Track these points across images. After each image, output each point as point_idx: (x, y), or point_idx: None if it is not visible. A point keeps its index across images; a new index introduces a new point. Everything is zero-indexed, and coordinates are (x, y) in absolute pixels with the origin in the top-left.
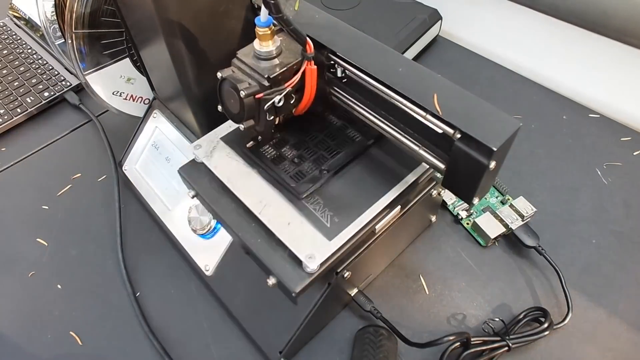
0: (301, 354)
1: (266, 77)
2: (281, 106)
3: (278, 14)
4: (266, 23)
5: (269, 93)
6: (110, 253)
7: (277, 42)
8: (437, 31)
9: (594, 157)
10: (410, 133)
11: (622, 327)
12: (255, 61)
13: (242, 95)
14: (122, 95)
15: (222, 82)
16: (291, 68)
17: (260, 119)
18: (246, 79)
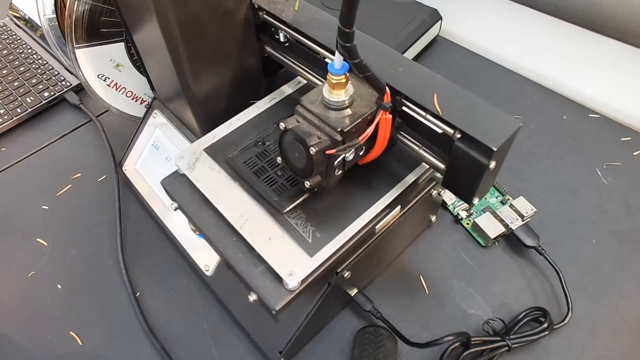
0: (301, 354)
1: (339, 130)
2: (351, 159)
3: (354, 60)
4: (342, 70)
5: (342, 149)
6: (110, 253)
7: (350, 90)
8: (437, 31)
9: (594, 157)
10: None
11: (622, 327)
12: (324, 111)
13: (313, 152)
14: (106, 80)
15: (285, 133)
16: (365, 119)
17: (327, 174)
18: (315, 132)
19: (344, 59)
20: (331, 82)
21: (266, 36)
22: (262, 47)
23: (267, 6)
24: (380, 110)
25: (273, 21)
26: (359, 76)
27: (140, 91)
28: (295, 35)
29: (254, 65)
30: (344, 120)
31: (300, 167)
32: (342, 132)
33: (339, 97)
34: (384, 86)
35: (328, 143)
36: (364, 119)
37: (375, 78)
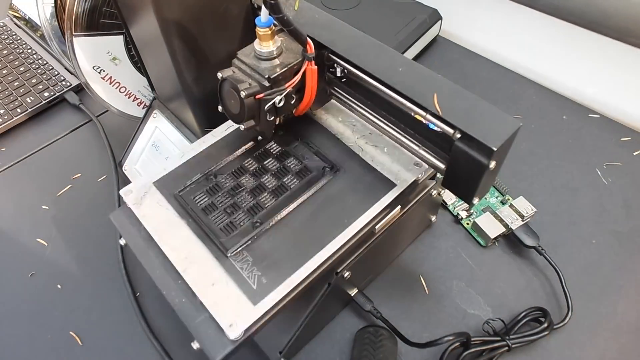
0: (301, 354)
1: (267, 77)
2: (282, 106)
3: (278, 14)
4: (267, 23)
5: (270, 93)
6: (110, 253)
7: (277, 42)
8: (437, 31)
9: (594, 157)
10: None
11: (622, 327)
12: (255, 61)
13: (243, 95)
14: (101, 72)
15: (223, 82)
16: (292, 68)
17: (260, 119)
18: (247, 79)
19: (269, 14)
20: (259, 34)
21: None
22: None
23: None
24: (306, 60)
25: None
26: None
27: (134, 88)
28: None
29: None
30: (274, 69)
31: (235, 113)
32: (270, 79)
33: (267, 49)
34: (305, 38)
35: (257, 88)
36: (290, 67)
37: (297, 31)
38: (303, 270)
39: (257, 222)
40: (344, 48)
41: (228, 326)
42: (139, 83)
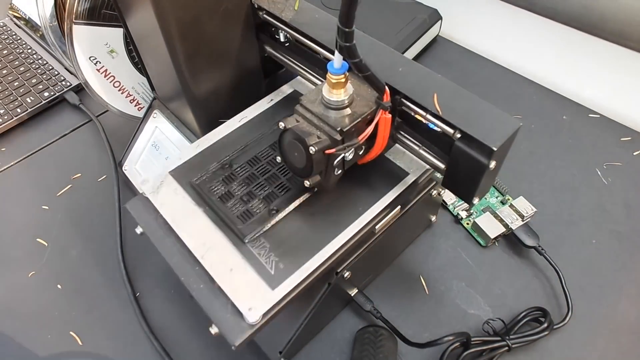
0: (301, 354)
1: (338, 130)
2: (350, 159)
3: (354, 59)
4: (341, 70)
5: (342, 148)
6: (110, 253)
7: (349, 90)
8: (437, 31)
9: (594, 157)
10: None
11: (622, 327)
12: (323, 110)
13: (312, 151)
14: (97, 64)
15: (285, 132)
16: (365, 119)
17: (327, 174)
18: (315, 132)
19: (343, 59)
20: (331, 82)
21: (266, 36)
22: (262, 47)
23: (267, 6)
24: (380, 109)
25: (273, 21)
26: (358, 75)
27: (128, 84)
28: (295, 35)
29: (254, 65)
30: (344, 119)
31: (299, 167)
32: (342, 132)
33: (338, 97)
34: (383, 86)
35: (328, 142)
36: (363, 118)
37: (375, 77)
38: (319, 256)
39: (274, 209)
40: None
41: (247, 310)
42: (134, 80)
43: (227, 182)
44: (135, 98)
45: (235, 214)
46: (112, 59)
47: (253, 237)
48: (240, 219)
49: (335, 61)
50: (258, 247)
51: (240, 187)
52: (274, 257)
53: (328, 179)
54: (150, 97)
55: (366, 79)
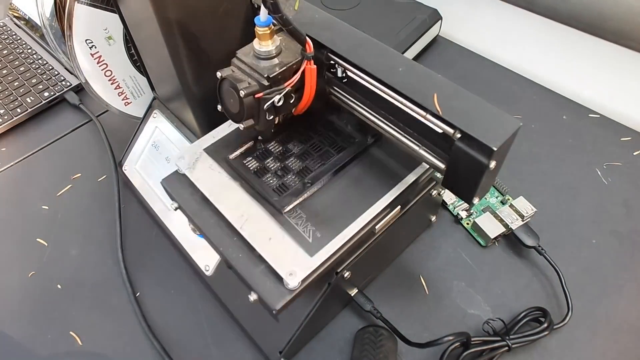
0: (301, 354)
1: (266, 76)
2: (281, 106)
3: (277, 13)
4: (265, 22)
5: (269, 92)
6: (110, 253)
7: (276, 41)
8: (437, 31)
9: (594, 157)
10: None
11: (622, 327)
12: (254, 61)
13: (242, 94)
14: (92, 48)
15: (222, 81)
16: (291, 67)
17: (260, 118)
18: (246, 79)
19: (268, 13)
20: (258, 34)
21: None
22: None
23: None
24: (304, 60)
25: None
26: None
27: (119, 75)
28: None
29: None
30: (273, 68)
31: (235, 112)
32: (269, 78)
33: (266, 48)
34: (304, 37)
35: (256, 87)
36: (289, 67)
37: (296, 30)
38: (355, 225)
39: (308, 182)
40: (343, 48)
41: (288, 275)
42: (126, 72)
43: (261, 158)
44: (124, 91)
45: (271, 187)
46: (109, 46)
47: (290, 207)
48: (276, 192)
49: (261, 15)
50: (295, 218)
51: (274, 163)
52: (311, 226)
53: (261, 122)
54: (140, 94)
55: (289, 32)
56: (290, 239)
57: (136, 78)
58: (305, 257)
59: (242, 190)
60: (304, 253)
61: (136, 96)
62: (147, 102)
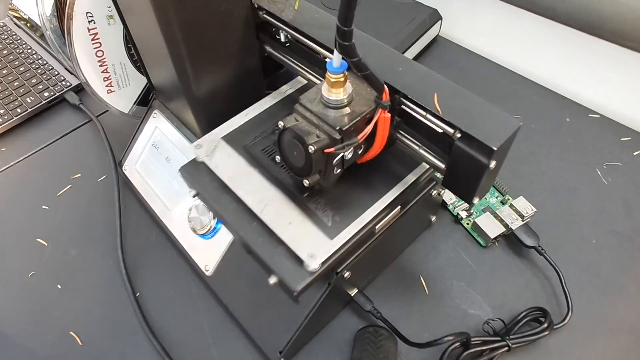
0: (301, 354)
1: (337, 129)
2: (349, 158)
3: (354, 59)
4: (340, 69)
5: (341, 147)
6: (110, 253)
7: (348, 89)
8: (437, 31)
9: (594, 157)
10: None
11: (622, 327)
12: (323, 109)
13: (311, 150)
14: (90, 23)
15: (284, 131)
16: (364, 118)
17: (326, 173)
18: (314, 131)
19: (342, 58)
20: (330, 81)
21: (266, 36)
22: (262, 46)
23: (267, 6)
24: (379, 109)
25: (273, 21)
26: (357, 75)
27: (110, 58)
28: (296, 34)
29: (254, 65)
30: (343, 118)
31: (299, 166)
32: (341, 131)
33: (337, 96)
34: (382, 85)
35: (327, 142)
36: (362, 117)
37: (374, 76)
38: (373, 209)
39: None
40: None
41: (308, 257)
42: (117, 57)
43: None
44: (110, 77)
45: (289, 174)
46: (108, 25)
47: (309, 192)
48: (294, 179)
49: (334, 60)
50: (314, 202)
51: None
52: (330, 210)
53: (327, 178)
54: (125, 84)
55: (365, 78)
56: (310, 222)
57: (126, 67)
58: (325, 240)
59: (261, 177)
60: (323, 236)
61: (121, 86)
62: (130, 96)
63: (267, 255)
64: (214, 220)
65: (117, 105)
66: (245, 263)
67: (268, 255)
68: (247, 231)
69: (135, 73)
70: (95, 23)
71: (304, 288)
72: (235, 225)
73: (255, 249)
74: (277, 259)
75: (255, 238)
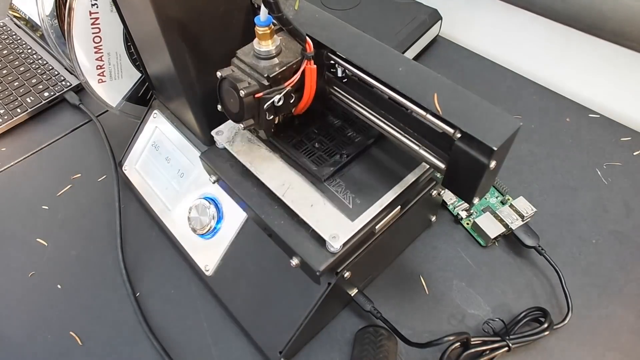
0: (301, 354)
1: (266, 76)
2: (281, 105)
3: (278, 13)
4: (266, 22)
5: (269, 92)
6: (110, 253)
7: (276, 41)
8: (437, 31)
9: (594, 157)
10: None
11: (622, 327)
12: (254, 60)
13: (242, 94)
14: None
15: (222, 81)
16: (291, 67)
17: (260, 118)
18: (246, 79)
19: (268, 13)
20: (258, 34)
21: None
22: None
23: None
24: (305, 60)
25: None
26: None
27: (106, 46)
28: None
29: None
30: (272, 67)
31: (235, 112)
32: (269, 78)
33: (266, 47)
34: (304, 36)
35: (256, 87)
36: (289, 66)
37: (296, 30)
38: (392, 192)
39: (345, 153)
40: (343, 47)
41: (331, 238)
42: (114, 46)
43: (298, 131)
44: (103, 66)
45: (310, 159)
46: (110, 12)
47: (329, 176)
48: (315, 163)
49: (261, 14)
50: (335, 186)
51: (311, 136)
52: (350, 193)
53: (261, 122)
54: (117, 76)
55: (289, 32)
56: (331, 205)
57: (121, 58)
58: (347, 221)
59: (282, 162)
60: (345, 218)
61: (113, 77)
62: (120, 90)
63: (289, 237)
64: (213, 220)
65: (106, 97)
66: (245, 263)
67: (290, 237)
68: (269, 214)
69: (130, 66)
70: (98, 7)
71: (326, 268)
72: (257, 208)
73: (277, 231)
74: (299, 241)
75: (278, 220)
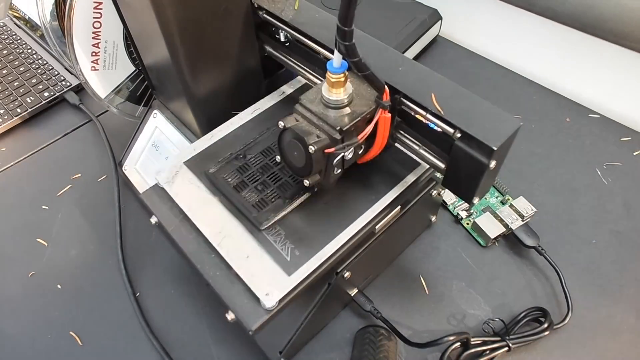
0: (301, 354)
1: (338, 129)
2: (350, 159)
3: (354, 59)
4: (341, 69)
5: (341, 147)
6: (110, 253)
7: (349, 89)
8: (437, 31)
9: (594, 157)
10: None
11: (622, 327)
12: (323, 109)
13: (312, 150)
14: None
15: (284, 131)
16: (364, 118)
17: (327, 173)
18: (314, 131)
19: (342, 58)
20: (330, 81)
21: (266, 35)
22: (262, 46)
23: (267, 5)
24: (379, 109)
25: (273, 20)
26: (358, 75)
27: (105, 34)
28: (295, 34)
29: (254, 65)
30: (343, 119)
31: (299, 166)
32: (341, 131)
33: (338, 96)
34: (383, 85)
35: (327, 142)
36: (363, 117)
37: (374, 76)
38: (334, 243)
39: (288, 198)
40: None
41: (264, 295)
42: (112, 35)
43: (241, 172)
44: (99, 53)
45: (251, 203)
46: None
47: (269, 224)
48: (255, 208)
49: (334, 60)
50: (274, 235)
51: (254, 177)
52: (290, 244)
53: (328, 178)
54: (111, 67)
55: (365, 78)
56: (268, 257)
57: (118, 48)
58: (282, 276)
59: (221, 206)
60: (281, 272)
61: (107, 67)
62: (112, 81)
63: (223, 291)
64: None
65: (96, 86)
66: None
67: (224, 290)
68: (205, 264)
69: (125, 59)
70: None
71: (259, 327)
72: (192, 257)
73: (212, 284)
74: (233, 295)
75: (213, 272)
